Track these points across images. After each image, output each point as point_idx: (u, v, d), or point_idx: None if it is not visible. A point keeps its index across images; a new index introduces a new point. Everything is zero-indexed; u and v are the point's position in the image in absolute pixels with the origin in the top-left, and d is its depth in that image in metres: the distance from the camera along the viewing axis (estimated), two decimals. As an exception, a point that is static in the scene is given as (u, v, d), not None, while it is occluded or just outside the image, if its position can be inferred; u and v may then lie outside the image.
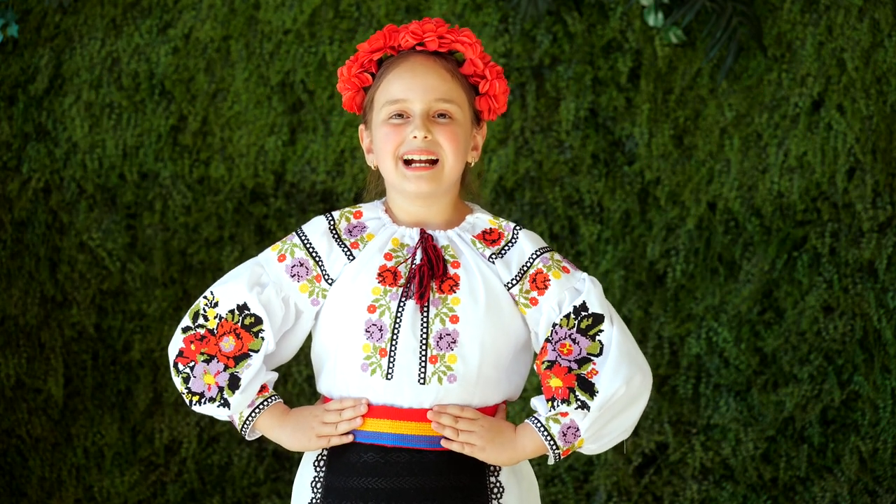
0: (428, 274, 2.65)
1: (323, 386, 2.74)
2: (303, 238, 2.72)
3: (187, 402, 2.71)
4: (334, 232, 2.72)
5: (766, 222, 4.29)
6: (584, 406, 2.63)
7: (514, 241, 2.71)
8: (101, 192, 4.43)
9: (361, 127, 2.78)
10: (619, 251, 4.33)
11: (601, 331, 2.66)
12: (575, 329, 2.66)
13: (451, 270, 2.67)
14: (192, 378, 2.69)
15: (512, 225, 2.73)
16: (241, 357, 2.69)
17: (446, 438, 2.65)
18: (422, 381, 2.64)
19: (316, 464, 2.71)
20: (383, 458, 2.65)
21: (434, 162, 2.67)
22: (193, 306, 2.72)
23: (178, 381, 2.71)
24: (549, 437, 2.65)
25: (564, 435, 2.64)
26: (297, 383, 4.41)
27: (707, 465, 4.34)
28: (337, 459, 2.69)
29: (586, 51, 4.29)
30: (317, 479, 2.71)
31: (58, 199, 4.42)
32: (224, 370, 2.68)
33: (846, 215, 4.27)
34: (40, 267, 4.44)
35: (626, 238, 4.33)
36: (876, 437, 4.27)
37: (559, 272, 2.69)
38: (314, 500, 2.70)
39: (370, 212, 2.75)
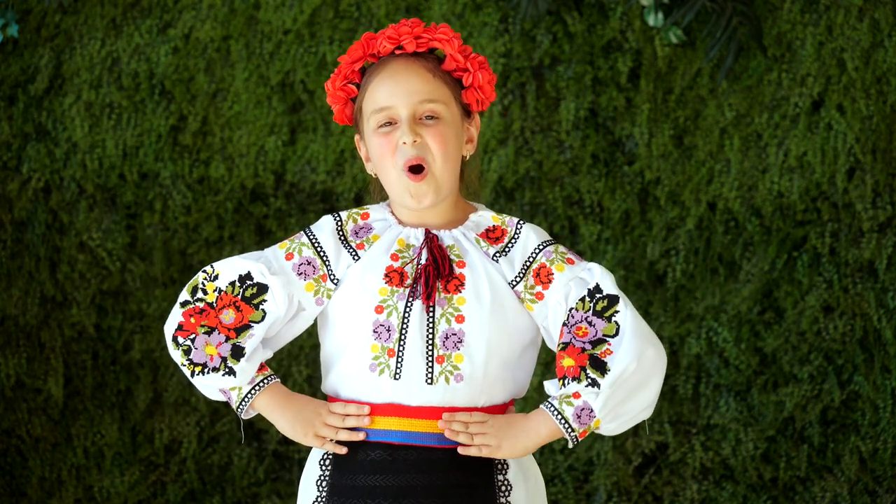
0: (434, 274, 2.65)
1: (329, 386, 2.74)
2: (311, 237, 2.73)
3: (188, 373, 2.69)
4: (341, 233, 2.72)
5: (766, 222, 4.29)
6: (594, 384, 2.62)
7: (517, 237, 2.72)
8: (101, 192, 4.43)
9: (357, 137, 2.78)
10: (619, 251, 4.33)
11: (617, 311, 2.66)
12: (591, 311, 2.66)
13: (457, 270, 2.68)
14: (193, 350, 2.69)
15: (515, 220, 2.73)
16: (241, 328, 2.69)
17: (463, 445, 2.65)
18: (429, 381, 2.65)
19: (321, 462, 2.72)
20: (391, 456, 2.65)
21: (422, 169, 2.67)
22: (191, 281, 2.72)
23: (177, 354, 2.70)
24: (563, 421, 2.65)
25: (579, 417, 2.64)
26: (297, 383, 4.41)
27: (707, 465, 4.34)
28: (343, 458, 2.69)
29: (586, 51, 4.29)
30: (322, 477, 2.71)
31: (58, 199, 4.42)
32: (226, 341, 2.68)
33: (846, 215, 4.27)
34: (40, 267, 4.44)
35: (626, 238, 4.33)
36: (876, 437, 4.27)
37: (563, 265, 2.69)
38: (319, 499, 2.70)
39: (377, 213, 2.75)
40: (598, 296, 2.67)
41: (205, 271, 2.72)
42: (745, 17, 4.16)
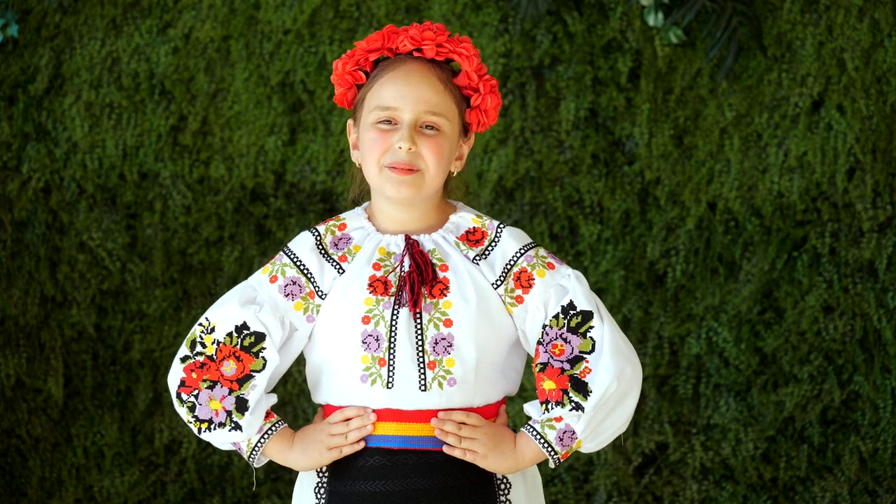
0: (418, 280, 2.65)
1: (322, 398, 2.74)
2: (291, 256, 2.72)
3: (195, 430, 2.70)
4: (321, 247, 2.71)
5: (766, 222, 4.29)
6: (578, 407, 2.63)
7: (497, 240, 2.71)
8: (101, 192, 4.43)
9: (350, 122, 2.77)
10: (619, 251, 4.33)
11: (592, 327, 2.67)
12: (565, 328, 2.67)
13: (441, 274, 2.67)
14: (197, 406, 2.69)
15: (496, 223, 2.73)
16: (244, 379, 2.68)
17: (448, 445, 2.65)
18: (423, 388, 2.64)
19: (319, 470, 2.71)
20: (390, 461, 2.65)
21: (411, 171, 2.67)
22: (189, 335, 2.72)
23: (183, 411, 2.70)
24: (545, 444, 2.65)
25: (561, 439, 2.65)
26: (297, 383, 4.41)
27: (707, 465, 4.34)
28: (341, 464, 2.68)
29: (586, 51, 4.29)
30: (320, 484, 2.70)
31: (58, 199, 4.42)
32: (229, 394, 2.68)
33: (846, 215, 4.27)
34: (40, 267, 4.44)
35: (626, 238, 4.33)
36: (876, 437, 4.27)
37: (543, 270, 2.69)
38: None
39: (354, 221, 2.74)
40: (571, 312, 2.67)
41: (201, 324, 2.70)
42: (745, 17, 4.16)
